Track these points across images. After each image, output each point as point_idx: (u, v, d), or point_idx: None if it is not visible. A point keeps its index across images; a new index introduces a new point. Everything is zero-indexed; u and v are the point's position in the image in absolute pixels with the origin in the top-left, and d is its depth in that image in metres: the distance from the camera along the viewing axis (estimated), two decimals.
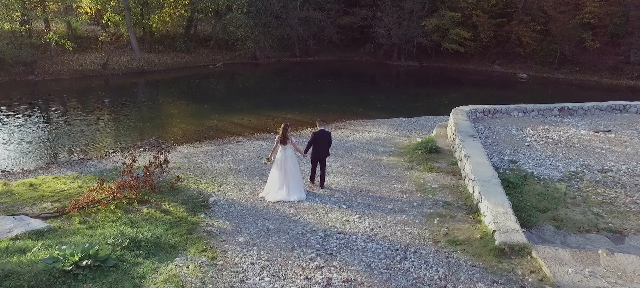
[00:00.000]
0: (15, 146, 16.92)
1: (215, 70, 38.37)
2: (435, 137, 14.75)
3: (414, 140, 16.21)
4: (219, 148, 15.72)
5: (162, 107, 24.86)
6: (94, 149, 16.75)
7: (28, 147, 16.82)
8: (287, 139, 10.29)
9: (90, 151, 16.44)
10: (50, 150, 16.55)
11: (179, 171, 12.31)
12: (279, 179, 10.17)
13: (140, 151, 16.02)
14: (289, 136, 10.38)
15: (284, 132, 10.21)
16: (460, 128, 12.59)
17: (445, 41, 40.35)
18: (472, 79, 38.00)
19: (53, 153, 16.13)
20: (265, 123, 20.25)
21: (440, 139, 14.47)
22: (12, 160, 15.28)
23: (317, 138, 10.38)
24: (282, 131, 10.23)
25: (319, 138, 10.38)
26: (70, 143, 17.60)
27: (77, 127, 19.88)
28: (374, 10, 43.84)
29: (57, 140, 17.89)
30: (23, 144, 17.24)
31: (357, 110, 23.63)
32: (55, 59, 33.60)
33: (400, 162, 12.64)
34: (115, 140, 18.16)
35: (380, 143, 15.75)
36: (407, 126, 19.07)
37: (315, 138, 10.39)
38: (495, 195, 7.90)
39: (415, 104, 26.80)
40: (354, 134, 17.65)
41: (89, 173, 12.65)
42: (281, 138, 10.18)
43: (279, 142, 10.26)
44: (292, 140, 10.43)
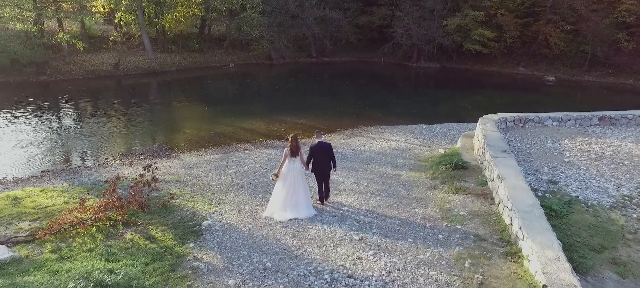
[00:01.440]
0: (21, 151, 16.17)
1: (228, 71, 37.42)
2: (461, 149, 13.29)
3: (436, 150, 14.79)
4: (223, 157, 14.59)
5: (172, 109, 23.96)
6: (96, 155, 15.85)
7: (32, 152, 16.00)
8: (299, 150, 9.11)
9: (90, 158, 15.54)
10: (52, 156, 15.66)
11: (175, 185, 11.21)
12: (286, 196, 9.03)
13: (140, 159, 15.03)
14: (300, 147, 9.21)
15: (294, 143, 9.04)
16: (490, 141, 11.13)
17: (468, 42, 38.51)
18: (496, 81, 36.12)
19: (53, 160, 15.24)
20: (276, 129, 19.06)
21: (466, 151, 13.01)
22: (11, 166, 14.51)
23: (314, 151, 9.29)
24: (291, 141, 9.08)
25: (316, 151, 9.30)
26: (74, 148, 16.74)
27: (83, 130, 19.09)
28: (393, 10, 42.26)
29: (61, 144, 17.06)
30: (30, 147, 16.47)
31: (374, 115, 22.25)
32: (68, 59, 33.12)
33: (422, 179, 11.25)
34: (119, 145, 17.24)
35: (399, 154, 14.37)
36: (428, 134, 17.61)
37: (312, 152, 9.31)
38: (541, 233, 6.47)
39: (436, 108, 25.26)
40: (370, 143, 16.30)
41: (80, 185, 11.66)
42: (291, 149, 9.02)
43: (287, 155, 9.05)
44: (301, 152, 9.26)
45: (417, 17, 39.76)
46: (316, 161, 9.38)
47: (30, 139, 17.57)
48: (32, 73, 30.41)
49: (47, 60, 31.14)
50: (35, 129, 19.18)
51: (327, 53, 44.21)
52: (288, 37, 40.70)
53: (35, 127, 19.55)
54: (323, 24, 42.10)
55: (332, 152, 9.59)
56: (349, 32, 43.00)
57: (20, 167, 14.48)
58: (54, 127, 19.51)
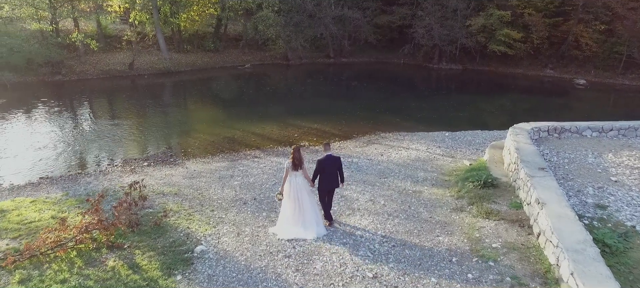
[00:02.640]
0: (29, 153, 15.63)
1: (244, 72, 36.63)
2: (488, 162, 11.99)
3: (460, 162, 13.51)
4: (230, 166, 13.62)
5: (183, 111, 23.20)
6: (99, 160, 15.10)
7: (39, 155, 15.42)
8: (301, 163, 8.19)
9: (92, 164, 14.78)
10: (55, 160, 14.96)
11: (174, 199, 10.26)
12: (293, 213, 8.10)
13: (144, 166, 14.21)
14: (303, 160, 8.20)
15: (298, 155, 8.18)
16: (524, 155, 9.82)
17: (492, 43, 36.74)
18: (521, 84, 34.33)
19: (56, 165, 14.53)
20: (288, 135, 18.03)
21: (495, 165, 11.71)
22: (15, 170, 13.95)
23: (323, 166, 8.32)
24: (293, 154, 8.21)
25: (325, 166, 8.32)
26: (79, 152, 16.05)
27: (92, 132, 18.49)
28: (414, 9, 40.75)
29: (68, 148, 16.41)
30: (37, 151, 15.87)
31: (393, 120, 21.01)
32: (83, 59, 32.89)
33: (446, 197, 10.02)
34: (125, 150, 16.48)
35: (420, 165, 13.14)
36: (451, 142, 16.29)
37: (321, 166, 8.32)
38: (600, 282, 5.21)
39: (458, 113, 23.82)
40: (388, 152, 15.10)
41: (74, 196, 10.84)
42: (293, 162, 8.13)
43: (289, 170, 8.17)
44: (304, 166, 8.32)
45: (439, 16, 38.19)
46: (324, 176, 8.44)
47: (40, 140, 17.06)
48: (48, 73, 30.23)
49: (62, 60, 30.90)
50: (45, 130, 18.73)
51: (345, 53, 43.03)
52: (305, 37, 39.66)
53: (46, 128, 19.12)
54: (341, 24, 40.91)
55: (342, 167, 8.64)
56: (368, 32, 41.69)
57: (23, 172, 13.92)
58: (62, 129, 18.92)
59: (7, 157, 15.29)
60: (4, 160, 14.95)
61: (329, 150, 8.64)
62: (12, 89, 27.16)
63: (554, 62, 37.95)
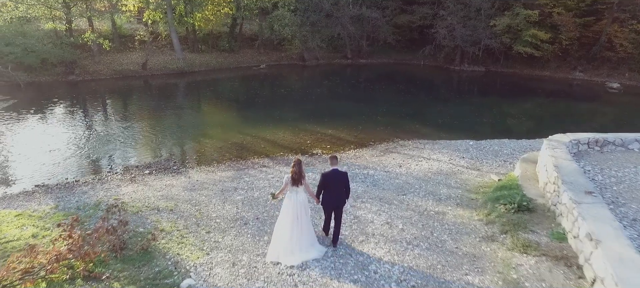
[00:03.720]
0: (31, 157, 14.97)
1: (259, 72, 35.77)
2: (520, 178, 10.66)
3: (487, 176, 12.22)
4: (235, 176, 12.63)
5: (193, 114, 22.37)
6: (100, 166, 14.29)
7: (42, 159, 14.71)
8: (302, 178, 7.35)
9: (92, 170, 13.95)
10: (55, 166, 14.18)
11: (168, 217, 9.29)
12: (292, 234, 7.35)
13: (145, 174, 13.33)
14: (304, 175, 7.41)
15: (298, 169, 7.34)
16: (566, 175, 8.50)
17: (518, 44, 35.01)
18: (548, 87, 32.50)
19: (55, 172, 13.76)
20: (301, 141, 16.95)
21: (528, 182, 10.38)
22: (15, 177, 13.25)
23: (327, 181, 7.51)
24: (293, 168, 7.36)
25: (330, 181, 7.50)
26: (83, 157, 15.25)
27: (99, 136, 17.72)
28: (435, 8, 39.27)
29: (72, 151, 15.66)
30: (42, 154, 15.22)
31: (412, 126, 19.73)
32: (97, 59, 32.52)
33: (473, 221, 8.78)
34: (129, 154, 15.67)
35: (443, 179, 11.89)
36: (475, 152, 14.97)
37: (325, 181, 7.52)
38: None
39: (482, 118, 22.37)
40: (407, 162, 13.87)
41: (64, 210, 9.99)
42: (293, 177, 7.30)
43: (288, 183, 7.35)
44: (306, 181, 7.49)
45: (462, 16, 36.64)
46: (328, 192, 7.64)
47: (46, 143, 16.45)
48: (61, 72, 29.94)
49: (75, 60, 30.57)
50: (53, 132, 18.14)
51: (363, 54, 41.82)
52: (322, 37, 38.61)
53: (54, 130, 18.55)
54: (359, 24, 39.72)
55: (348, 182, 7.76)
56: (387, 32, 40.37)
57: (25, 176, 13.28)
58: (70, 131, 18.23)
59: (12, 161, 14.66)
60: (9, 164, 14.32)
61: (335, 164, 7.71)
62: (25, 89, 26.87)
63: (584, 64, 35.97)
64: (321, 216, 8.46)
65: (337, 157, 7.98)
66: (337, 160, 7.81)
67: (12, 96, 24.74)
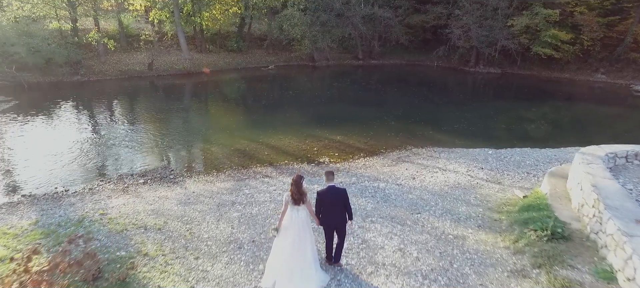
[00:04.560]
0: (26, 162, 14.29)
1: (267, 73, 34.87)
2: (549, 196, 9.49)
3: (510, 191, 11.08)
4: (234, 188, 11.68)
5: (197, 117, 21.51)
6: (93, 175, 13.43)
7: (37, 165, 14.03)
8: (302, 196, 6.49)
9: (84, 179, 13.09)
10: (51, 173, 13.39)
11: (154, 238, 8.36)
12: (290, 257, 6.50)
13: (139, 183, 12.47)
14: (305, 193, 6.52)
15: (297, 187, 6.48)
16: (608, 198, 7.34)
17: (536, 45, 33.51)
18: (567, 90, 31.02)
19: (48, 179, 12.99)
20: (307, 148, 15.94)
21: (558, 201, 9.22)
22: (6, 185, 12.53)
23: (323, 200, 6.68)
24: (292, 186, 6.47)
25: (325, 199, 6.77)
26: (79, 162, 14.45)
27: (98, 139, 17.03)
28: (450, 8, 37.92)
29: (68, 157, 14.87)
30: (37, 160, 14.53)
31: (426, 132, 18.58)
32: (103, 59, 31.97)
33: (499, 249, 7.68)
34: (125, 161, 14.79)
35: (461, 195, 10.79)
36: (495, 163, 13.80)
37: (320, 200, 6.69)
38: None
39: (499, 122, 21.14)
40: (421, 173, 12.78)
41: (43, 227, 9.14)
42: (291, 197, 6.46)
43: (288, 202, 6.50)
44: (307, 199, 6.59)
45: (478, 16, 35.26)
46: (325, 213, 6.81)
47: (43, 147, 15.75)
48: (66, 73, 29.42)
49: (80, 60, 30.00)
50: (52, 136, 17.48)
51: (375, 55, 40.68)
52: (332, 37, 37.55)
53: (54, 133, 17.90)
54: (371, 23, 38.56)
55: (348, 200, 6.86)
56: (400, 33, 39.16)
57: (16, 184, 12.53)
58: (68, 135, 17.47)
59: (6, 166, 13.94)
60: (1, 169, 13.63)
61: (331, 180, 6.82)
62: (29, 90, 26.38)
63: (607, 66, 34.34)
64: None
65: (334, 173, 7.03)
66: (333, 176, 6.88)
67: (15, 97, 24.20)
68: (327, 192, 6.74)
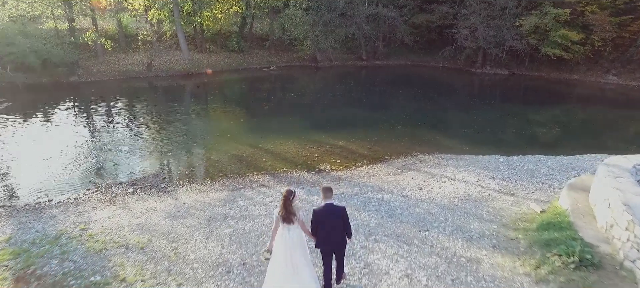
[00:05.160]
0: (20, 168, 13.67)
1: (269, 74, 34.09)
2: (571, 213, 8.63)
3: (525, 204, 10.23)
4: (229, 199, 10.90)
5: (194, 121, 20.72)
6: (79, 182, 12.67)
7: (27, 171, 13.34)
8: (292, 215, 5.82)
9: (70, 186, 12.34)
10: (39, 181, 12.66)
11: (136, 258, 7.61)
12: (283, 280, 5.81)
13: (128, 193, 11.71)
14: (296, 211, 5.85)
15: (286, 204, 5.81)
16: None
17: (545, 45, 32.54)
18: (577, 92, 30.09)
19: (34, 187, 12.26)
20: (307, 154, 15.13)
21: (581, 219, 8.36)
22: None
23: (319, 219, 6.03)
24: (281, 203, 5.78)
25: (322, 219, 6.02)
26: (69, 168, 13.71)
27: (90, 143, 16.29)
28: (456, 8, 36.98)
29: (58, 162, 14.17)
30: (31, 165, 13.88)
31: (432, 137, 17.73)
32: (101, 59, 31.29)
33: (519, 276, 6.84)
34: (116, 167, 14.03)
35: (472, 209, 9.95)
36: (507, 172, 12.94)
37: (316, 219, 6.04)
38: None
39: (508, 127, 20.23)
40: (429, 183, 11.95)
41: (17, 243, 8.42)
42: (281, 216, 5.78)
43: (279, 220, 5.83)
44: (300, 217, 5.91)
45: (485, 16, 34.31)
46: (322, 233, 6.04)
47: (34, 152, 15.07)
48: (63, 74, 28.76)
49: (77, 61, 29.33)
50: (44, 140, 16.78)
51: (379, 56, 39.83)
52: (335, 37, 36.72)
53: (47, 137, 17.22)
54: (375, 23, 37.72)
55: (347, 219, 6.12)
56: (404, 33, 38.28)
57: (3, 193, 11.79)
58: (60, 139, 16.76)
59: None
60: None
61: (329, 197, 6.07)
62: (24, 91, 25.76)
63: (618, 67, 33.34)
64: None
65: (332, 189, 6.23)
66: (331, 192, 6.12)
67: (9, 98, 23.56)
68: (324, 211, 5.98)
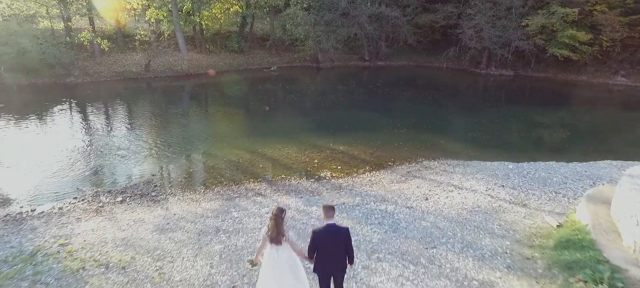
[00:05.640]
0: (7, 174, 13.09)
1: (269, 75, 33.43)
2: (592, 229, 7.93)
3: (538, 216, 9.55)
4: (222, 209, 10.24)
5: (191, 124, 20.04)
6: (67, 189, 12.01)
7: (15, 178, 12.76)
8: (281, 235, 5.27)
9: (58, 195, 11.69)
10: (28, 189, 12.04)
11: (116, 280, 6.96)
12: None
13: (116, 202, 11.07)
14: (285, 231, 5.29)
15: (276, 223, 5.27)
16: None
17: (552, 46, 31.71)
18: (584, 94, 29.28)
19: (21, 195, 11.64)
20: (307, 160, 14.45)
21: (603, 236, 7.65)
22: None
23: (319, 241, 5.38)
24: (272, 220, 5.32)
25: (322, 241, 5.38)
26: (59, 174, 13.10)
27: (81, 147, 15.62)
28: (461, 7, 36.21)
29: (52, 168, 13.50)
30: (19, 171, 13.29)
31: (438, 141, 17.00)
32: (98, 60, 30.70)
33: None
34: (107, 173, 13.40)
35: (482, 222, 9.25)
36: (518, 180, 12.22)
37: (315, 241, 5.40)
38: None
39: (516, 130, 19.55)
40: (435, 193, 11.24)
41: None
42: (271, 233, 5.31)
43: (266, 240, 5.31)
44: (289, 237, 5.36)
45: (491, 16, 33.50)
46: (322, 257, 5.39)
47: (24, 157, 14.42)
48: (59, 74, 28.18)
49: (73, 61, 28.72)
50: (36, 143, 16.17)
51: (382, 56, 39.09)
52: (337, 37, 36.00)
53: (39, 140, 16.60)
54: (378, 23, 36.97)
55: (350, 242, 5.47)
56: (408, 33, 37.53)
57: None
58: (54, 143, 16.18)
59: None
60: None
61: (331, 217, 5.40)
62: (18, 92, 25.20)
63: (627, 68, 32.49)
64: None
65: (334, 208, 5.54)
66: (333, 211, 5.44)
67: (2, 100, 22.98)
68: (325, 232, 5.32)
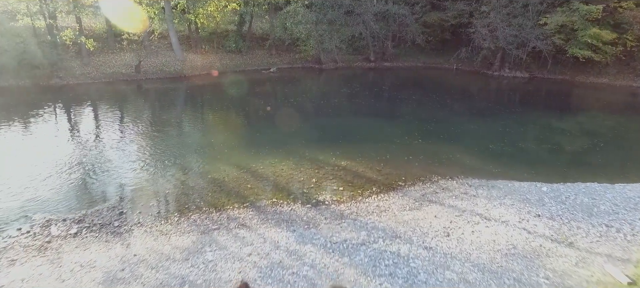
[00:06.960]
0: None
1: (269, 76, 31.38)
2: None
3: (594, 264, 7.52)
4: (194, 248, 8.24)
5: (178, 133, 18.02)
6: (23, 214, 10.04)
7: None
8: None
9: (6, 223, 9.73)
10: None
11: None
12: None
13: (68, 235, 9.12)
14: None
15: None
16: None
17: (572, 46, 29.53)
18: (607, 97, 27.11)
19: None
20: (304, 178, 12.38)
21: None
22: None
23: None
24: None
25: None
26: (19, 193, 11.18)
27: (57, 159, 13.55)
28: (473, 5, 34.03)
29: (12, 186, 11.58)
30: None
31: (454, 154, 14.85)
32: (86, 60, 28.77)
33: None
34: (69, 194, 11.39)
35: (524, 272, 7.20)
36: (555, 207, 10.14)
37: None
38: None
39: (540, 141, 17.35)
40: (457, 227, 9.16)
41: None
42: None
43: None
44: None
45: (506, 14, 31.30)
46: None
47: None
48: (43, 75, 26.31)
49: (57, 62, 26.83)
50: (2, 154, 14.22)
51: (388, 57, 36.98)
52: (341, 36, 33.93)
53: (5, 152, 14.57)
54: (384, 22, 34.86)
55: None
56: (416, 32, 35.39)
57: None
58: (22, 154, 14.18)
59: None
60: None
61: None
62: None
63: None
64: None
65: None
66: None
67: None
68: None
